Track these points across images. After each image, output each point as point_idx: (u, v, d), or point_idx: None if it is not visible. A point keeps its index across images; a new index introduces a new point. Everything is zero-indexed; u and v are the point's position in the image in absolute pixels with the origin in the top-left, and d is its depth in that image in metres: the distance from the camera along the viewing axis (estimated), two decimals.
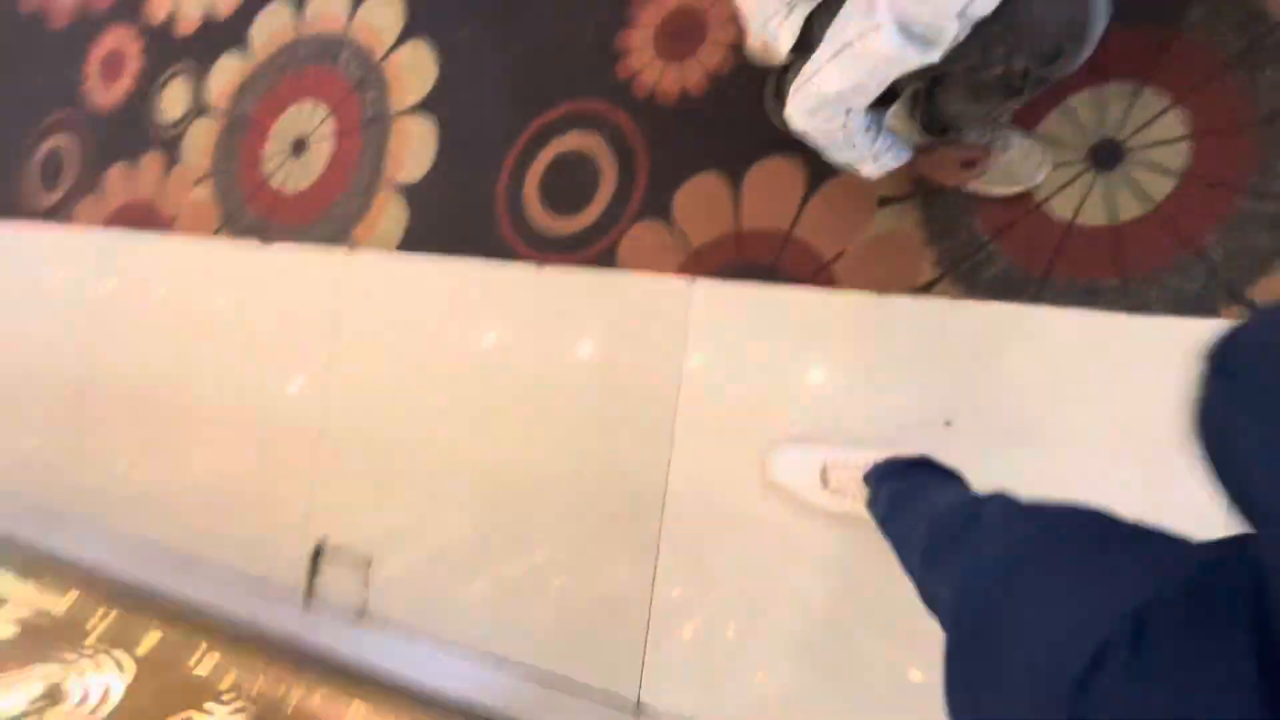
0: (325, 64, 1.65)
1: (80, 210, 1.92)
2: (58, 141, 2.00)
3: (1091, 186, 1.10)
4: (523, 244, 1.41)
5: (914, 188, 1.19)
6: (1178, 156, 1.05)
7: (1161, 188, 1.06)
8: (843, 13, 0.77)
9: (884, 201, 1.20)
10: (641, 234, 1.34)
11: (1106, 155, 1.10)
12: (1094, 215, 1.10)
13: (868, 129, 0.92)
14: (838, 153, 0.97)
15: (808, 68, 0.84)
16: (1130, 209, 1.08)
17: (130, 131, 1.88)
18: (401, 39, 1.58)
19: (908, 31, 0.72)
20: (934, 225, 1.17)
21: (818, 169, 1.24)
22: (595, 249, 1.37)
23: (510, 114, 1.46)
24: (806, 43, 0.89)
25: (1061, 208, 1.11)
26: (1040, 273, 1.12)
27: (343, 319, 1.57)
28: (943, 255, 1.17)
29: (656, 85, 1.36)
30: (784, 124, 0.95)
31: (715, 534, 1.25)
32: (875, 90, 0.81)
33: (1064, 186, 1.11)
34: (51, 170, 1.99)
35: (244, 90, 1.75)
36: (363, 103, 1.60)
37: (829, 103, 0.84)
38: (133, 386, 1.77)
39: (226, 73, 1.77)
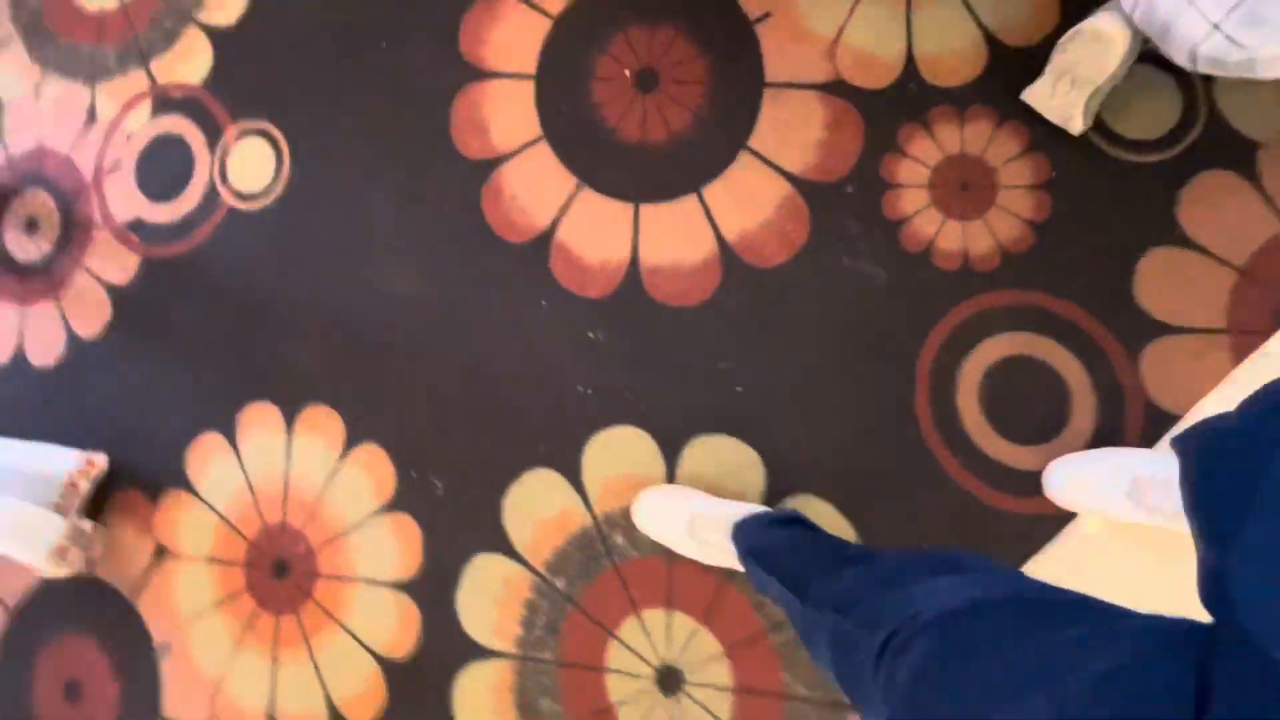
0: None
1: None
2: None
3: None
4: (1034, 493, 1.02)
5: None
6: None
7: None
8: None
9: None
10: (1161, 359, 1.03)
11: None
12: None
13: None
14: None
15: None
16: None
17: None
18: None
19: None
20: None
21: (1238, 160, 1.04)
22: (1129, 424, 1.03)
23: (879, 395, 1.10)
24: None
25: None
26: None
27: None
28: None
29: (997, 246, 1.10)
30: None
31: None
32: None
33: None
34: None
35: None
36: None
37: None
38: None
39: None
